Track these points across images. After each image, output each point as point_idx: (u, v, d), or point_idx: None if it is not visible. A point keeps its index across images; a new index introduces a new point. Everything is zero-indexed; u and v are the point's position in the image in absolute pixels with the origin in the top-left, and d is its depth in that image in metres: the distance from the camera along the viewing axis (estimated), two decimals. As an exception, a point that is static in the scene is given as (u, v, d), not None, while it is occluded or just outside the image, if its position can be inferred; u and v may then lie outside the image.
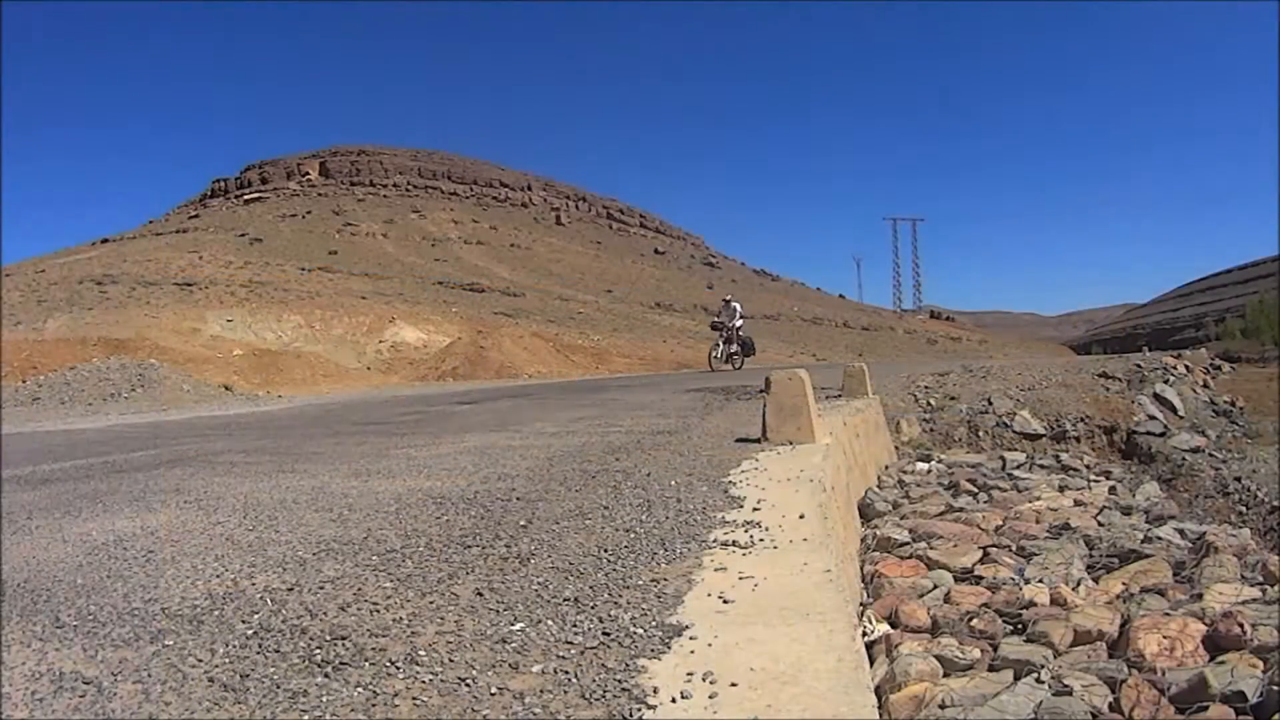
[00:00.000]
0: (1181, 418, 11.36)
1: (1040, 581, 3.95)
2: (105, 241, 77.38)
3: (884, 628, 3.35)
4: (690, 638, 1.83)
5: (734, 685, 1.59)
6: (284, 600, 2.10)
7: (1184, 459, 9.16)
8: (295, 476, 4.06)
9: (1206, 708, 2.59)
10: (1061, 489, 7.30)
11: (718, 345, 17.29)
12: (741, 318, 17.75)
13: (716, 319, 18.06)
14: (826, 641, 1.79)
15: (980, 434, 10.36)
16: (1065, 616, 3.41)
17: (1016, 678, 2.88)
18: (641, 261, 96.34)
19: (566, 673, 1.66)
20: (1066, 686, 2.74)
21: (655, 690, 1.58)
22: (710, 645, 1.78)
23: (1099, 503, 6.69)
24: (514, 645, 1.79)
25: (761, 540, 2.61)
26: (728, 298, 18.49)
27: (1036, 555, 4.54)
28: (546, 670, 1.67)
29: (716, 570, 2.31)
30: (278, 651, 1.77)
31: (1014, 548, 4.76)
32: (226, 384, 17.60)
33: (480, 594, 2.12)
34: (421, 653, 1.75)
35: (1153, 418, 10.75)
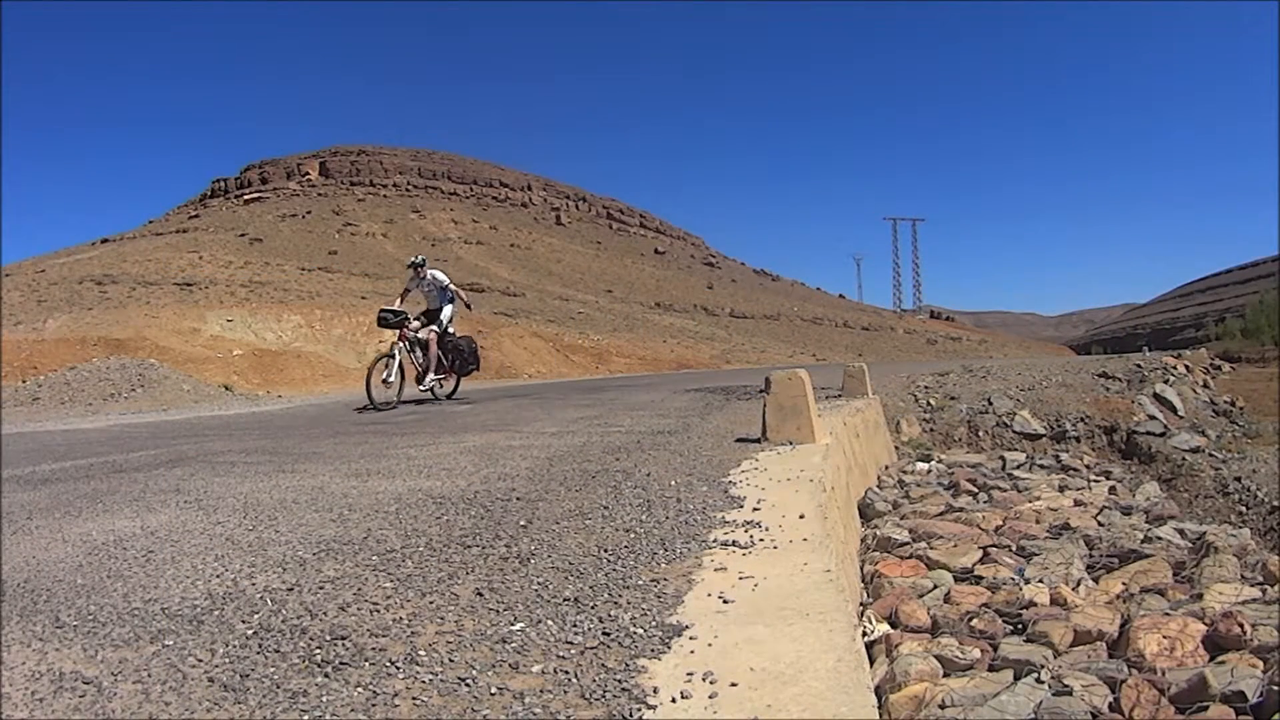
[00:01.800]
0: (1181, 418, 11.36)
1: (1040, 581, 3.95)
2: (105, 241, 77.39)
3: (884, 628, 3.35)
4: (690, 638, 1.82)
5: (734, 685, 1.59)
6: (284, 600, 2.10)
7: (1184, 459, 9.16)
8: (295, 476, 4.05)
9: (1206, 708, 2.59)
10: (1061, 489, 7.30)
11: (392, 356, 8.99)
12: (450, 300, 9.65)
13: (391, 311, 9.22)
14: (826, 641, 1.79)
15: (980, 434, 10.36)
16: (1065, 616, 3.41)
17: (1016, 678, 2.88)
18: (641, 261, 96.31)
19: (566, 673, 1.66)
20: (1066, 686, 2.74)
21: (655, 690, 1.58)
22: (710, 645, 1.78)
23: (1099, 503, 6.69)
24: (514, 645, 1.79)
25: (761, 540, 2.61)
26: (417, 259, 9.79)
27: (1036, 555, 4.54)
28: (546, 670, 1.67)
29: (716, 570, 2.31)
30: (278, 651, 1.77)
31: (1014, 548, 4.76)
32: (226, 384, 17.59)
33: (480, 594, 2.12)
34: (421, 653, 1.75)
35: (1153, 418, 10.75)
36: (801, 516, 2.90)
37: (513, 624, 1.91)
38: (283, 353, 26.38)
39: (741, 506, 3.10)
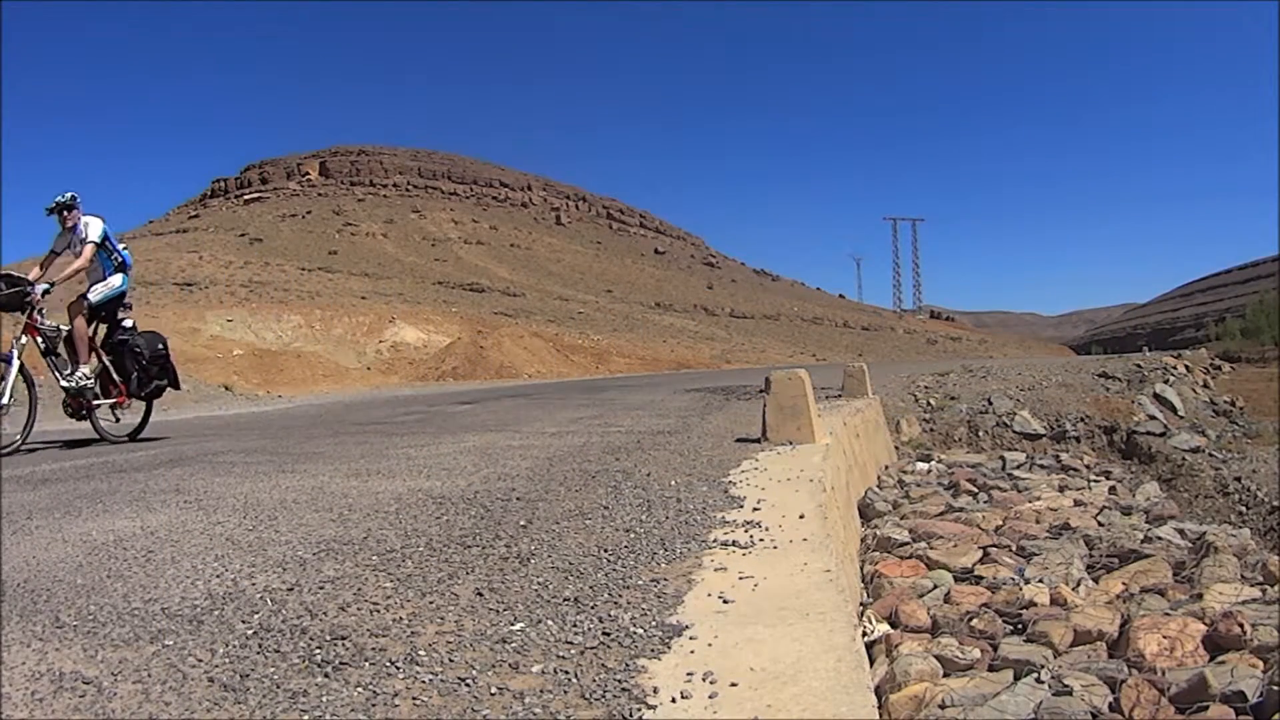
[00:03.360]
0: (1181, 418, 11.37)
1: (1040, 581, 3.95)
2: (105, 241, 77.19)
3: (884, 628, 3.35)
4: (690, 638, 1.82)
5: (734, 685, 1.59)
6: (284, 600, 2.10)
7: (1184, 459, 9.16)
8: (295, 476, 4.05)
9: (1206, 708, 2.59)
10: (1061, 489, 7.30)
11: (7, 362, 5.38)
12: (122, 269, 5.97)
13: (4, 277, 5.59)
14: (826, 641, 1.79)
15: (980, 434, 10.36)
16: (1065, 616, 3.41)
17: (1016, 678, 2.88)
18: (641, 261, 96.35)
19: (566, 673, 1.65)
20: (1066, 686, 2.74)
21: (655, 690, 1.57)
22: (710, 645, 1.78)
23: (1099, 503, 6.69)
24: (514, 645, 1.79)
25: (761, 540, 2.61)
26: (63, 197, 5.77)
27: (1036, 555, 4.55)
28: (546, 670, 1.67)
29: (716, 570, 2.31)
30: (278, 651, 1.77)
31: (1014, 548, 4.76)
32: (226, 384, 17.60)
33: (480, 594, 2.12)
34: (421, 653, 1.75)
35: (1153, 418, 10.75)
36: (801, 516, 2.90)
37: (513, 624, 1.91)
38: (282, 353, 26.40)
39: (741, 506, 3.10)
